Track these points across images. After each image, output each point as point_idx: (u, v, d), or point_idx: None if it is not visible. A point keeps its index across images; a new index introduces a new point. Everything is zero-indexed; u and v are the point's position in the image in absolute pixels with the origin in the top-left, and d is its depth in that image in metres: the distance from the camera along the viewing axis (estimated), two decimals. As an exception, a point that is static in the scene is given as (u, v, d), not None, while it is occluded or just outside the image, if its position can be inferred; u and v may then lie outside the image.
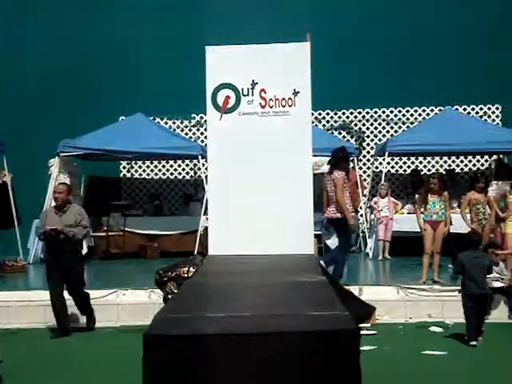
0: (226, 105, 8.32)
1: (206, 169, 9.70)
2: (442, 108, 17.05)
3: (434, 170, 17.66)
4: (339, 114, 18.10)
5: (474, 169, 17.61)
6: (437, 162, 17.80)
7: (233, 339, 4.04)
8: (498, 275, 10.26)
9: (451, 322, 9.79)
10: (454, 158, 17.66)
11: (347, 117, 18.10)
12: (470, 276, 8.77)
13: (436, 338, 9.04)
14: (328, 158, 17.07)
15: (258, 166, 8.39)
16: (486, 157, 17.54)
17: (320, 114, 17.96)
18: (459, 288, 9.06)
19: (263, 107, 8.35)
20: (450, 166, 17.69)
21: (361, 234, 16.20)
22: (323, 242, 15.22)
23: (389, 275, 13.03)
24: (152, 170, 18.38)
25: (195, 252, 13.21)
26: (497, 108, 17.70)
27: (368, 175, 17.63)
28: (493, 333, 9.26)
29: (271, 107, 8.32)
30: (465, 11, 17.86)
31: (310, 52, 8.31)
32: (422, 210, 11.36)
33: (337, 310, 4.50)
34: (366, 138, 18.09)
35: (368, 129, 18.07)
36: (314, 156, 13.50)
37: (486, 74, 17.38)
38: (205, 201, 13.16)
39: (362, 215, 16.26)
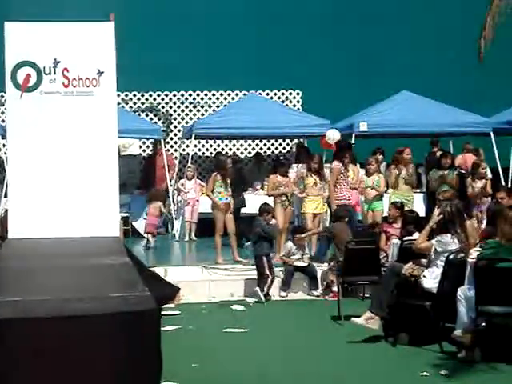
0: (27, 83, 8.03)
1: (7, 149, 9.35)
2: (246, 92, 17.48)
3: (238, 153, 18.10)
4: (146, 95, 18.05)
5: (277, 152, 18.22)
6: (241, 145, 18.24)
7: (31, 323, 3.96)
8: (301, 256, 10.72)
9: (252, 300, 10.13)
10: (257, 141, 18.16)
11: (154, 99, 18.10)
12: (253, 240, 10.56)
13: (238, 316, 9.32)
14: (135, 140, 17.19)
15: (61, 147, 8.19)
16: (288, 140, 18.19)
17: (127, 95, 17.82)
18: None
19: (66, 87, 8.14)
20: (253, 149, 18.18)
21: (168, 216, 16.28)
22: (130, 224, 15.18)
23: (194, 256, 13.27)
24: None
25: (-5, 235, 12.70)
26: (297, 93, 18.40)
27: (175, 157, 17.73)
28: (292, 309, 9.71)
29: (75, 87, 8.13)
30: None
31: (117, 32, 8.21)
32: (221, 192, 11.55)
33: (138, 291, 4.52)
34: (173, 121, 18.18)
35: (175, 111, 18.17)
36: (121, 138, 13.49)
37: (288, 61, 18.01)
38: (6, 182, 12.67)
39: (169, 197, 16.36)
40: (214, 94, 18.23)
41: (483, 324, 7.03)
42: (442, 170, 12.99)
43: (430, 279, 7.49)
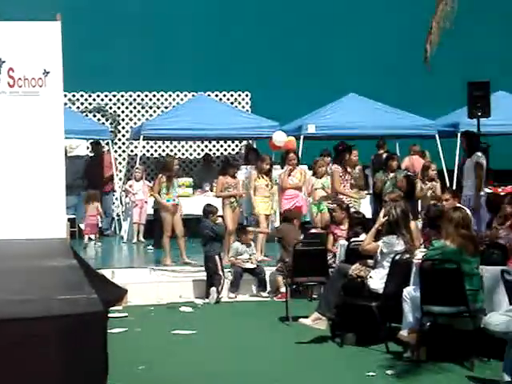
0: (-29, 83, 7.92)
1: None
2: (195, 93, 17.46)
3: (187, 155, 18.08)
4: (94, 96, 17.89)
5: (226, 153, 18.24)
6: (190, 147, 18.20)
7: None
8: (249, 256, 10.74)
9: (201, 301, 10.12)
10: (206, 142, 18.15)
11: (102, 99, 17.94)
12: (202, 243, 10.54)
13: (186, 317, 9.30)
14: (82, 141, 17.02)
15: (7, 148, 8.08)
16: (237, 142, 18.22)
17: (74, 95, 17.63)
18: None
19: (12, 86, 8.03)
20: (202, 150, 18.16)
21: (115, 218, 16.17)
22: (77, 226, 15.03)
23: (142, 257, 13.20)
24: None
25: None
26: (246, 95, 18.44)
27: (123, 158, 17.62)
28: (240, 310, 9.73)
29: (20, 87, 8.02)
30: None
31: (64, 32, 8.13)
32: (167, 193, 11.53)
33: (84, 294, 4.49)
34: (121, 122, 18.05)
35: (123, 112, 18.03)
36: (68, 138, 13.35)
37: (237, 62, 18.06)
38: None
39: (117, 199, 16.25)
40: (162, 95, 18.15)
41: (428, 324, 7.14)
42: (389, 172, 13.14)
43: (377, 280, 7.57)
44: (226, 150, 18.32)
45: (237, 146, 18.29)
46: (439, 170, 14.52)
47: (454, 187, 14.08)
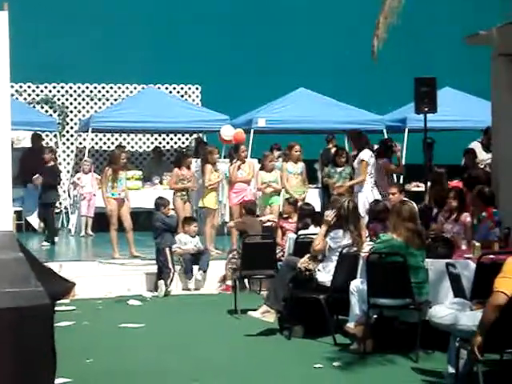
0: None
1: None
2: (144, 86, 17.37)
3: (137, 147, 17.98)
4: (41, 87, 17.66)
5: (176, 146, 18.19)
6: (140, 139, 18.10)
7: None
8: (194, 246, 10.73)
9: (150, 295, 10.09)
10: (156, 135, 18.07)
11: (50, 91, 17.72)
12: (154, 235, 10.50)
13: (134, 311, 9.28)
14: (30, 132, 16.78)
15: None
16: (187, 135, 18.18)
17: (21, 86, 17.39)
18: None
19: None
20: (152, 143, 18.08)
21: (63, 210, 16.01)
22: (24, 219, 14.85)
23: (91, 251, 13.11)
24: None
25: None
26: (196, 88, 18.40)
27: (72, 151, 17.44)
28: (189, 303, 9.73)
29: (-35, 77, 7.89)
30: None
31: (11, 22, 8.01)
32: (111, 187, 11.46)
33: (31, 287, 4.46)
34: (69, 113, 17.85)
35: (71, 104, 17.84)
36: (15, 130, 13.18)
37: (187, 55, 18.02)
38: None
39: (64, 191, 16.08)
40: (111, 87, 18.01)
41: (375, 316, 7.23)
42: (338, 167, 13.21)
43: (324, 273, 7.64)
44: (175, 143, 18.27)
45: (187, 139, 18.25)
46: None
47: (402, 181, 14.26)
